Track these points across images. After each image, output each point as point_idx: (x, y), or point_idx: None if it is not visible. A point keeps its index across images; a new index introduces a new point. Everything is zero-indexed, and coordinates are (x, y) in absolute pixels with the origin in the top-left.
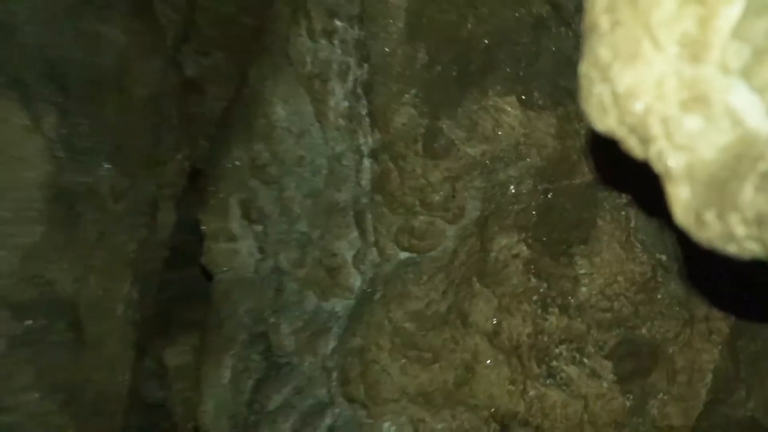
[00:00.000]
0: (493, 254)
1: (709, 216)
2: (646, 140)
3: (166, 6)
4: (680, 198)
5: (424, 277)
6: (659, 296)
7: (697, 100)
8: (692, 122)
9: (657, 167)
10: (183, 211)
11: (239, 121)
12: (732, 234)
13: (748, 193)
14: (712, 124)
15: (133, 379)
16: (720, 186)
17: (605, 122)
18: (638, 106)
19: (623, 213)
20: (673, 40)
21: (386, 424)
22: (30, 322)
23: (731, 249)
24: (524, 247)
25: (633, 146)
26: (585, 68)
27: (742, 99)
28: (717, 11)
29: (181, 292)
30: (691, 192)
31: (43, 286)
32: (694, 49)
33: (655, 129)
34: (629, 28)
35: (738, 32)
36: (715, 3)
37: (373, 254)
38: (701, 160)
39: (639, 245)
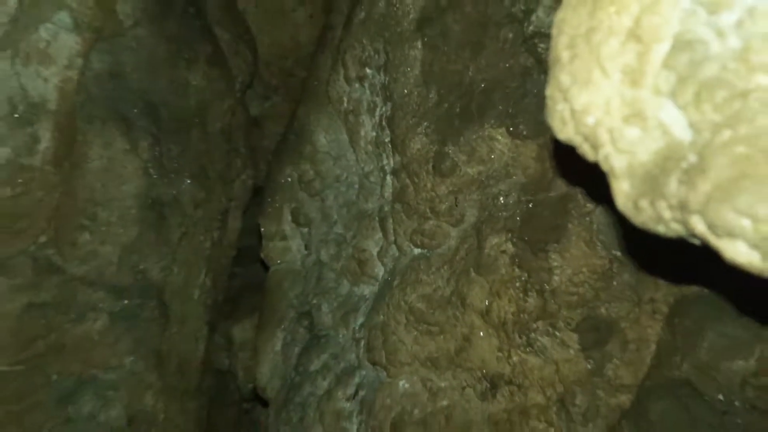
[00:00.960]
0: (486, 251)
1: (644, 203)
2: (596, 146)
3: (237, 59)
4: (622, 190)
5: (433, 268)
6: (615, 283)
7: (635, 116)
8: (632, 132)
9: (604, 167)
10: (247, 219)
11: (291, 147)
12: (661, 217)
13: (672, 185)
14: (647, 134)
15: (206, 350)
16: (652, 180)
17: (565, 132)
18: (590, 120)
19: (587, 219)
20: (618, 69)
21: (401, 382)
22: (127, 301)
23: (660, 229)
24: (510, 245)
25: (586, 151)
26: (550, 91)
27: (669, 114)
28: (651, 47)
29: (244, 282)
30: (630, 185)
31: (138, 274)
32: (633, 76)
33: (603, 137)
34: (584, 60)
35: (666, 63)
36: (650, 41)
37: (393, 250)
38: (638, 161)
39: (599, 244)
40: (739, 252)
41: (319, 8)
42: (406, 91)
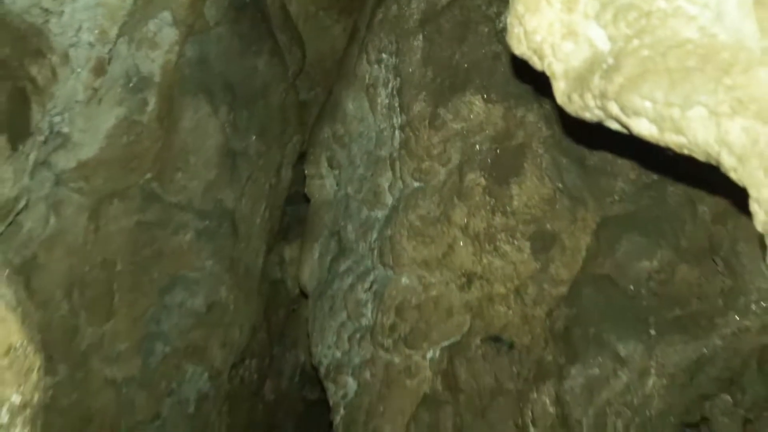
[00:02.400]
0: (465, 183)
1: (575, 96)
2: (542, 57)
3: (290, 55)
4: (560, 88)
5: (427, 197)
6: (557, 206)
7: (570, 34)
8: (567, 46)
9: (547, 72)
10: (296, 171)
11: (327, 113)
12: (587, 105)
13: (596, 81)
14: (578, 46)
15: (264, 263)
16: (581, 79)
17: (520, 49)
18: (538, 38)
19: (538, 161)
20: (558, 1)
21: (403, 279)
22: (208, 222)
23: (587, 115)
24: (483, 179)
25: (535, 62)
26: (509, 19)
27: (594, 32)
28: None
29: (293, 217)
30: (565, 84)
31: (217, 202)
32: (568, 5)
33: (547, 51)
34: None
35: None
36: None
37: (399, 184)
38: (571, 66)
39: (547, 178)
40: (642, 127)
41: (350, 24)
42: (410, 70)
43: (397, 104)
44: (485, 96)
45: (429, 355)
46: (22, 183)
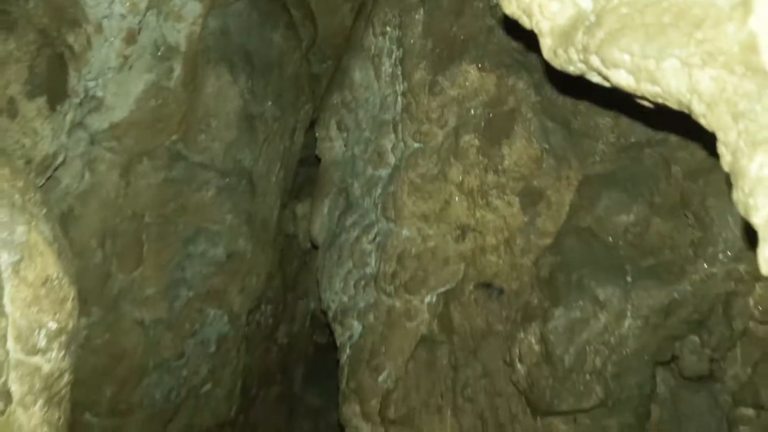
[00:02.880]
0: (461, 144)
1: (560, 51)
2: (530, 16)
3: (304, 29)
4: (546, 44)
5: (426, 156)
6: (543, 165)
7: None
8: (554, 5)
9: (535, 30)
10: (308, 135)
11: (337, 81)
12: (571, 59)
13: (579, 37)
14: (563, 6)
15: (278, 218)
16: (566, 35)
17: (510, 8)
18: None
19: (527, 124)
20: None
21: (404, 231)
22: (228, 179)
23: (571, 69)
24: (477, 141)
25: (524, 21)
26: None
27: None
28: None
29: (305, 177)
30: (551, 40)
31: (236, 162)
32: None
33: (535, 10)
34: None
35: None
36: None
37: (401, 145)
38: (557, 23)
39: (534, 140)
40: (621, 78)
41: (358, 3)
42: (412, 41)
43: (399, 73)
44: (479, 65)
45: (427, 300)
46: (60, 141)
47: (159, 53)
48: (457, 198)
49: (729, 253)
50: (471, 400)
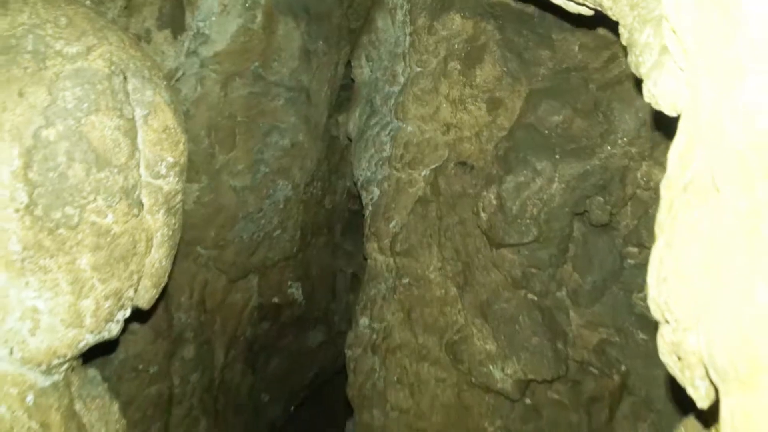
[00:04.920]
0: (448, 68)
1: None
2: None
3: None
4: None
5: (424, 77)
6: (503, 81)
7: None
8: None
9: None
10: (346, 68)
11: (366, 27)
12: None
13: None
14: None
15: (326, 123)
16: None
17: None
18: None
19: (495, 54)
20: None
21: (409, 128)
22: (292, 93)
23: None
24: (458, 65)
25: None
26: None
27: None
28: None
29: (344, 96)
30: None
31: (298, 81)
32: None
33: None
34: None
35: None
36: None
37: (408, 70)
38: None
39: (498, 65)
40: None
41: None
42: None
43: (408, 20)
44: (462, 14)
45: (423, 173)
46: (180, 60)
47: (247, 5)
48: (444, 105)
49: (625, 140)
50: (450, 239)
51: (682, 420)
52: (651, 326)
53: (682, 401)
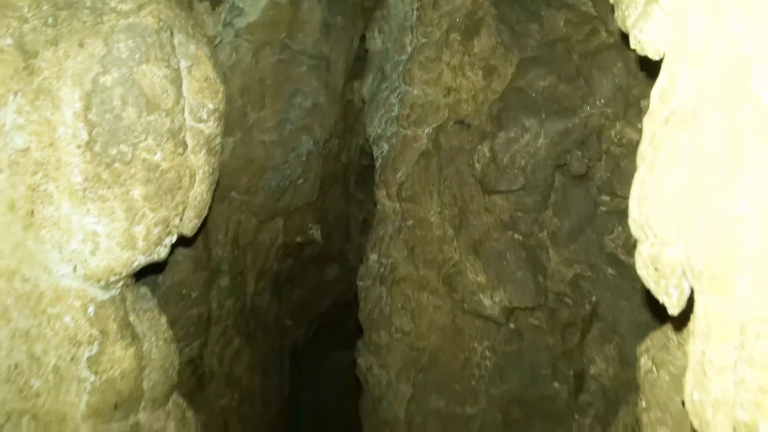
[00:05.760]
0: (449, 39)
1: None
2: None
3: None
4: None
5: (429, 47)
6: (496, 52)
7: None
8: None
9: None
10: (361, 42)
11: (378, 4)
12: None
13: None
14: None
15: (343, 88)
16: None
17: None
18: None
19: (491, 27)
20: None
21: (414, 91)
22: (314, 61)
23: None
24: (458, 37)
25: None
26: None
27: None
28: None
29: (358, 65)
30: None
31: (319, 51)
32: None
33: None
34: None
35: None
36: None
37: (414, 41)
38: None
39: (493, 36)
40: None
41: None
42: None
43: None
44: None
45: (426, 131)
46: (217, 29)
47: None
48: (445, 71)
49: (602, 101)
50: (448, 187)
51: (647, 335)
52: (619, 263)
53: (645, 324)
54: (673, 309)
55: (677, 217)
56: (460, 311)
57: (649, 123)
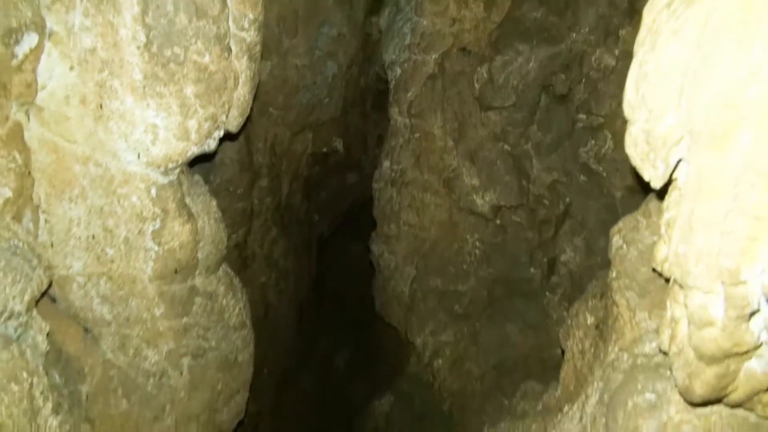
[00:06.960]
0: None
1: None
2: None
3: None
4: None
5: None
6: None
7: None
8: None
9: None
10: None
11: None
12: None
13: None
14: None
15: (363, 22)
16: None
17: None
18: None
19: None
20: None
21: (425, 21)
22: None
23: None
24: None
25: None
26: None
27: None
28: None
29: (377, 4)
30: None
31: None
32: None
33: None
34: None
35: None
36: None
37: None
38: None
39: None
40: None
41: None
42: None
43: None
44: None
45: (433, 57)
46: None
47: None
48: (452, 4)
49: (586, 29)
50: (451, 104)
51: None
52: (590, 171)
53: (608, 221)
54: (657, 182)
55: (679, 84)
56: (457, 209)
57: (649, 12)
